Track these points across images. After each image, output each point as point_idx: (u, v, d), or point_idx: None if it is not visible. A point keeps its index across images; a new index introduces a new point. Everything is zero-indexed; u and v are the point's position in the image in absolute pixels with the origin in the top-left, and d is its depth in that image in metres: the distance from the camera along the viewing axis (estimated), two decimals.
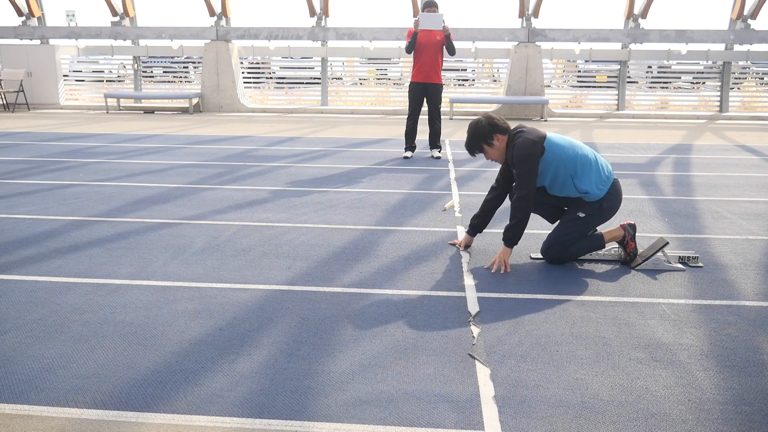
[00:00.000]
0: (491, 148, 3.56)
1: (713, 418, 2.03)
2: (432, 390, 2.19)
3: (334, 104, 14.28)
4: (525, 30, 12.56)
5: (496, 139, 3.53)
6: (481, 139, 3.55)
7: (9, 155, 7.32)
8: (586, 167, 3.47)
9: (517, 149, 3.43)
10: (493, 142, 3.54)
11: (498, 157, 3.62)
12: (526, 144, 3.41)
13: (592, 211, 3.52)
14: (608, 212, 3.56)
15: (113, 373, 2.28)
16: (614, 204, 3.57)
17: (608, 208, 3.54)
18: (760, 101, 14.82)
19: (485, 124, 3.53)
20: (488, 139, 3.53)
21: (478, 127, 3.55)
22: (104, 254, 3.68)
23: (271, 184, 5.78)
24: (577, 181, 3.47)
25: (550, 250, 3.55)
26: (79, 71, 15.27)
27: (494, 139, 3.53)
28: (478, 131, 3.54)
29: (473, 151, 3.62)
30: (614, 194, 3.55)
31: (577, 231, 3.53)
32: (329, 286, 3.20)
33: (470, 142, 3.60)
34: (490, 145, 3.55)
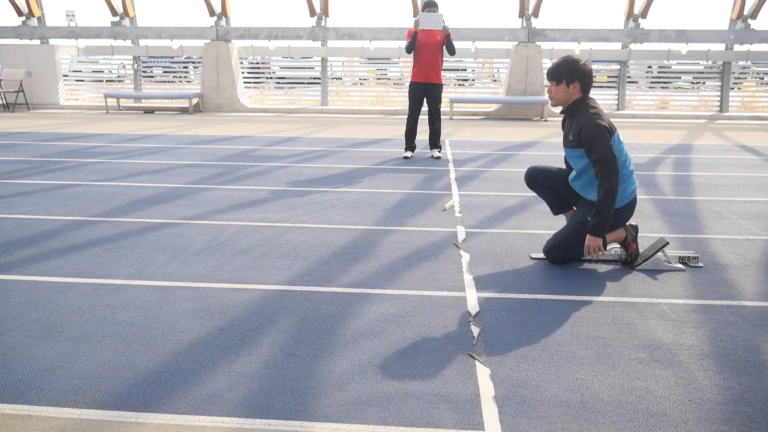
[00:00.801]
0: (565, 87, 3.46)
1: (713, 418, 2.03)
2: (432, 390, 2.19)
3: (334, 104, 14.28)
4: (525, 30, 12.56)
5: (574, 85, 3.45)
6: (566, 72, 3.44)
7: (9, 155, 7.33)
8: (622, 179, 3.46)
9: (587, 129, 3.35)
10: (570, 86, 3.45)
11: (558, 101, 3.51)
12: (598, 124, 3.34)
13: None
14: (618, 222, 3.56)
15: (113, 373, 2.28)
16: (626, 217, 3.57)
17: (618, 219, 3.53)
18: (760, 101, 14.82)
19: (581, 67, 3.44)
20: (570, 78, 3.44)
21: (574, 63, 3.44)
22: (104, 254, 3.68)
23: (271, 184, 5.78)
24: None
25: (552, 250, 3.55)
26: (79, 71, 15.26)
27: (573, 84, 3.45)
28: (570, 64, 3.45)
29: (553, 75, 3.48)
30: (629, 209, 3.56)
31: (583, 234, 3.52)
32: (329, 286, 3.20)
33: (558, 66, 3.47)
34: (567, 85, 3.46)
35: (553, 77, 3.49)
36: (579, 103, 3.48)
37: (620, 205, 3.50)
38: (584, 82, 3.46)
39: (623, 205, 3.52)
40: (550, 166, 3.83)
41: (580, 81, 3.45)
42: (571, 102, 3.50)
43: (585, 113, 3.42)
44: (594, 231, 3.41)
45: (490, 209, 4.87)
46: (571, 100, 3.50)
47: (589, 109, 3.43)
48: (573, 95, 3.48)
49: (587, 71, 3.46)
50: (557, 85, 3.49)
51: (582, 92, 3.48)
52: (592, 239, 3.43)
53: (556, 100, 3.53)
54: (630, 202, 3.55)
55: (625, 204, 3.53)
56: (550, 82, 3.53)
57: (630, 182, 3.54)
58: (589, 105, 3.46)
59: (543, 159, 7.36)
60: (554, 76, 3.49)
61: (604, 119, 3.41)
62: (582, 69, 3.45)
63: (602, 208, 3.36)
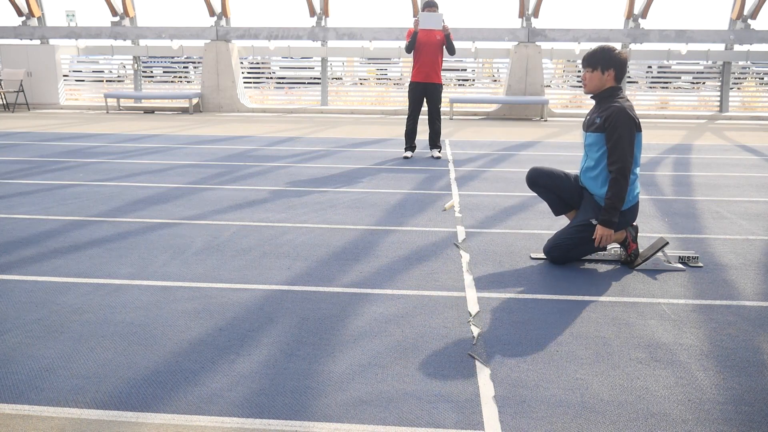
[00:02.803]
0: (600, 74, 3.48)
1: (713, 418, 2.03)
2: (432, 390, 2.19)
3: (334, 104, 14.28)
4: (525, 30, 12.56)
5: (609, 72, 3.47)
6: (602, 59, 3.46)
7: (9, 155, 7.33)
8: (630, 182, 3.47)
9: (618, 112, 3.37)
10: (605, 72, 3.47)
11: (592, 87, 3.53)
12: (627, 114, 3.37)
13: None
14: (620, 225, 3.56)
15: (113, 373, 2.28)
16: (629, 219, 3.58)
17: (621, 221, 3.54)
18: (760, 101, 14.82)
19: (617, 56, 3.45)
20: (606, 66, 3.46)
21: (611, 52, 3.46)
22: (104, 254, 3.68)
23: (271, 184, 5.78)
24: None
25: (553, 250, 3.55)
26: (79, 71, 15.27)
27: (608, 71, 3.47)
28: (608, 52, 3.46)
29: (590, 62, 3.50)
30: (632, 212, 3.57)
31: (585, 236, 3.53)
32: (329, 286, 3.20)
33: (596, 53, 3.48)
34: (601, 72, 3.47)
35: (589, 64, 3.51)
36: (611, 91, 3.51)
37: (625, 207, 3.51)
38: (619, 71, 3.49)
39: (627, 208, 3.52)
40: (551, 167, 3.83)
41: (615, 69, 3.47)
42: (604, 89, 3.52)
43: (618, 101, 3.46)
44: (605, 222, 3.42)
45: (490, 209, 4.87)
46: (604, 87, 3.52)
47: (623, 100, 3.46)
48: (607, 82, 3.50)
49: (623, 60, 3.49)
50: (592, 72, 3.50)
51: (615, 81, 3.50)
52: (603, 229, 3.44)
53: (590, 87, 3.54)
54: (634, 205, 3.56)
55: (630, 206, 3.54)
56: (584, 69, 3.54)
57: (635, 185, 3.55)
58: (623, 96, 3.50)
59: (543, 159, 7.37)
60: (590, 63, 3.51)
61: (634, 114, 3.45)
62: (618, 57, 3.47)
63: (616, 194, 3.39)
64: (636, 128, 3.43)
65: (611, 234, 3.45)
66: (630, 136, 3.39)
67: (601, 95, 3.53)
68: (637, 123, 3.44)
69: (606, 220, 3.43)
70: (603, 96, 3.52)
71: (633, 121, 3.40)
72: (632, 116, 3.41)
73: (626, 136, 3.38)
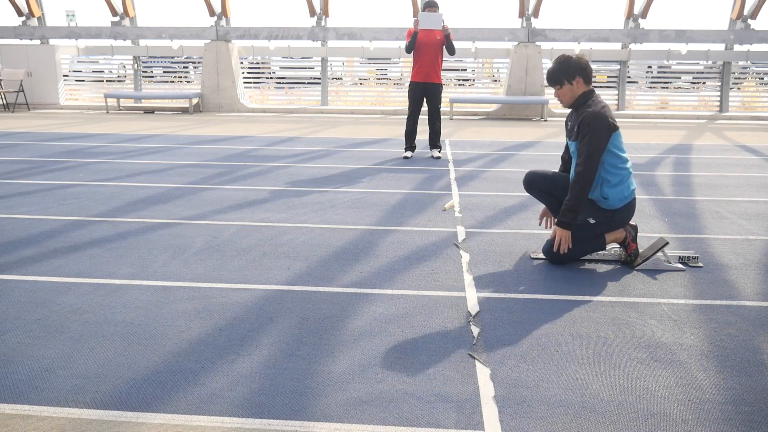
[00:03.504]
0: (568, 86, 3.49)
1: (713, 418, 2.03)
2: (432, 390, 2.19)
3: (334, 104, 14.27)
4: (525, 30, 12.56)
5: (576, 81, 3.47)
6: (564, 72, 3.47)
7: (9, 155, 7.33)
8: (618, 178, 3.47)
9: (589, 116, 3.38)
10: (573, 83, 3.48)
11: (567, 100, 3.53)
12: (601, 115, 3.37)
13: (603, 219, 3.53)
14: (617, 223, 3.56)
15: (113, 373, 2.28)
16: (625, 217, 3.57)
17: (619, 219, 3.54)
18: (760, 101, 14.82)
19: (575, 61, 3.46)
20: (570, 77, 3.46)
21: (568, 60, 3.47)
22: (104, 254, 3.68)
23: (271, 184, 5.78)
24: (606, 187, 3.48)
25: (552, 251, 3.55)
26: (79, 71, 15.26)
27: (575, 80, 3.47)
28: (566, 63, 3.47)
29: (553, 80, 3.52)
30: (629, 209, 3.56)
31: (583, 235, 3.53)
32: (329, 286, 3.20)
33: (555, 70, 3.50)
34: (569, 83, 3.48)
35: (555, 82, 3.51)
36: (584, 97, 3.50)
37: (620, 205, 3.51)
38: (584, 75, 3.48)
39: (623, 206, 3.52)
40: (547, 170, 3.83)
41: (580, 74, 3.47)
42: (578, 97, 3.52)
43: (589, 105, 3.46)
44: (563, 222, 3.45)
45: (490, 209, 4.87)
46: (577, 96, 3.51)
47: (597, 102, 3.46)
48: (578, 90, 3.50)
49: (583, 63, 3.48)
50: (561, 88, 3.51)
51: (585, 84, 3.50)
52: (561, 231, 3.46)
53: (567, 101, 3.55)
54: (630, 202, 3.56)
55: (625, 204, 3.53)
56: (554, 89, 3.55)
57: (629, 182, 3.54)
58: (596, 98, 3.49)
59: (543, 159, 7.37)
60: (555, 80, 3.51)
61: (609, 114, 3.43)
62: (577, 63, 3.47)
63: (576, 197, 3.41)
64: (611, 129, 3.40)
65: (568, 236, 3.45)
66: (600, 142, 3.37)
67: (576, 104, 3.53)
68: (612, 124, 3.42)
69: (562, 222, 3.45)
70: (578, 104, 3.52)
71: (605, 124, 3.38)
72: (605, 120, 3.38)
73: (596, 143, 3.37)
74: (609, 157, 3.46)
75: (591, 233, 3.54)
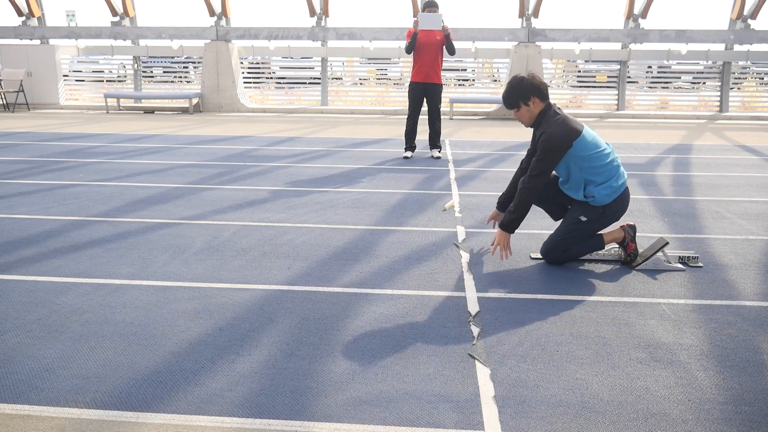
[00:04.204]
0: (525, 107, 3.49)
1: (713, 418, 2.03)
2: (432, 390, 2.19)
3: (334, 104, 14.27)
4: (525, 30, 12.56)
5: (532, 101, 3.47)
6: (519, 95, 3.47)
7: (9, 155, 7.33)
8: (601, 176, 3.46)
9: (546, 136, 3.38)
10: (529, 103, 3.48)
11: (527, 121, 3.54)
12: (555, 135, 3.37)
13: (595, 216, 3.51)
14: (610, 218, 3.56)
15: (113, 373, 2.28)
16: (618, 210, 3.56)
17: (611, 214, 3.54)
18: (760, 101, 14.82)
19: (528, 82, 3.46)
20: (525, 99, 3.47)
21: (521, 83, 3.48)
22: (104, 254, 3.68)
23: (271, 184, 5.78)
24: (591, 186, 3.48)
25: (550, 253, 3.55)
26: (79, 71, 15.26)
27: (531, 101, 3.47)
28: (519, 86, 3.47)
29: (509, 104, 3.53)
30: (620, 202, 3.54)
31: (578, 234, 3.53)
32: (329, 286, 3.20)
33: (509, 94, 3.51)
34: (526, 105, 3.49)
35: (512, 105, 3.53)
36: (543, 114, 3.50)
37: (609, 200, 3.49)
38: (539, 93, 3.48)
39: (614, 199, 3.50)
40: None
41: (534, 94, 3.47)
42: (537, 114, 3.52)
43: (548, 121, 3.45)
44: (505, 225, 3.47)
45: (490, 209, 4.85)
46: (537, 114, 3.52)
47: (552, 117, 3.45)
48: (535, 109, 3.50)
49: (536, 82, 3.48)
50: (519, 110, 3.53)
51: (542, 101, 3.50)
52: (500, 234, 3.48)
53: (528, 122, 3.56)
54: (621, 194, 3.53)
55: (617, 197, 3.51)
56: (513, 111, 3.56)
57: (618, 175, 3.51)
58: (553, 113, 3.48)
59: None
60: (512, 104, 3.53)
61: (568, 123, 3.42)
62: (529, 83, 3.47)
63: (519, 204, 3.44)
64: (571, 140, 3.38)
65: (506, 239, 3.46)
66: (553, 161, 3.40)
67: (536, 122, 3.53)
68: (572, 134, 3.39)
69: (503, 224, 3.48)
70: (538, 122, 3.52)
71: (562, 143, 3.38)
72: (562, 138, 3.37)
73: (549, 161, 3.39)
74: (584, 162, 3.43)
75: (585, 232, 3.53)
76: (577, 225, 3.52)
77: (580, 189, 3.52)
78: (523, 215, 3.48)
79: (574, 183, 3.53)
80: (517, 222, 3.48)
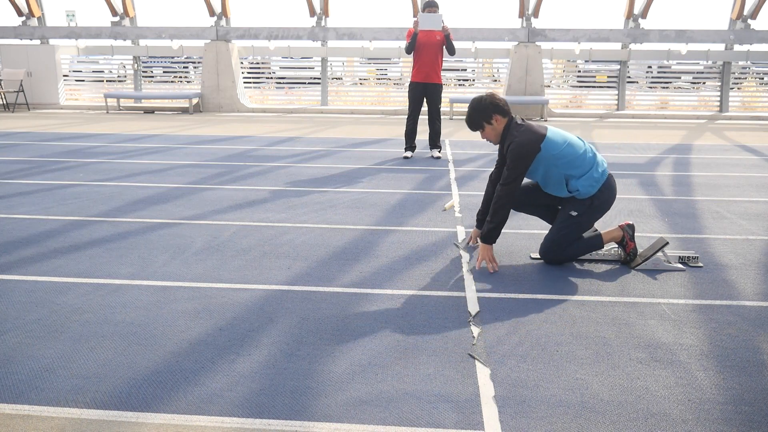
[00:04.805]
0: (489, 126, 3.53)
1: (713, 418, 2.03)
2: (432, 390, 2.19)
3: (334, 104, 14.27)
4: (525, 30, 12.56)
5: (494, 119, 3.50)
6: (480, 116, 3.51)
7: (9, 155, 7.33)
8: (579, 169, 3.46)
9: (514, 146, 3.41)
10: (492, 122, 3.51)
11: (494, 138, 3.58)
12: (522, 143, 3.40)
13: (584, 209, 3.51)
14: (600, 209, 3.56)
15: (113, 373, 2.28)
16: (607, 200, 3.55)
17: (599, 205, 3.53)
18: (760, 101, 14.82)
19: (487, 102, 3.49)
20: (488, 118, 3.50)
21: (480, 104, 3.51)
22: (104, 254, 3.68)
23: (271, 184, 5.78)
24: (572, 180, 3.48)
25: (548, 253, 3.55)
26: (79, 71, 15.26)
27: (493, 119, 3.50)
28: (479, 107, 3.51)
29: (473, 126, 3.58)
30: (606, 190, 3.53)
31: (572, 230, 3.52)
32: (329, 286, 3.20)
33: (471, 116, 3.55)
34: (489, 124, 3.51)
35: (476, 127, 3.57)
36: (507, 129, 3.53)
37: (594, 190, 3.48)
38: (499, 110, 3.50)
39: (599, 188, 3.49)
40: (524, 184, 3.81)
41: (495, 112, 3.49)
42: (502, 131, 3.54)
43: (512, 134, 3.47)
44: (484, 237, 3.49)
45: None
46: (501, 131, 3.54)
47: (516, 128, 3.47)
48: (500, 126, 3.53)
49: (494, 100, 3.51)
50: (484, 130, 3.55)
51: (504, 117, 3.52)
52: (483, 247, 3.50)
53: (495, 140, 3.58)
54: (605, 183, 3.52)
55: (601, 186, 3.50)
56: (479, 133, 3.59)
57: (596, 165, 3.50)
58: (515, 125, 3.50)
59: None
60: (476, 126, 3.56)
61: (532, 130, 3.44)
62: (488, 102, 3.50)
63: (495, 214, 3.46)
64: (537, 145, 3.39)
65: (489, 252, 3.47)
66: (523, 169, 3.41)
67: (502, 138, 3.55)
68: (537, 140, 3.41)
69: (484, 238, 3.49)
70: (503, 137, 3.54)
71: (529, 150, 3.39)
72: (528, 145, 3.39)
73: (519, 169, 3.41)
74: (557, 159, 3.44)
75: (578, 227, 3.52)
76: (569, 221, 3.52)
77: (562, 186, 3.52)
78: (500, 225, 3.48)
79: (555, 182, 3.53)
80: (495, 232, 3.48)
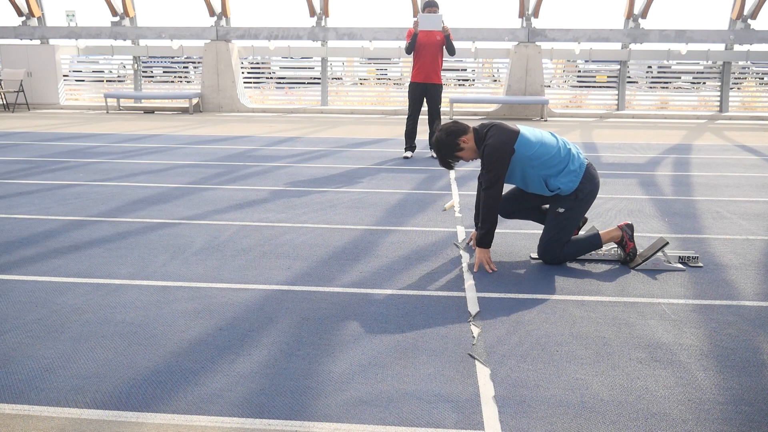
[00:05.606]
0: (462, 152, 3.54)
1: (713, 418, 2.03)
2: (432, 390, 2.19)
3: (334, 104, 14.28)
4: (525, 30, 12.56)
5: (461, 142, 3.51)
6: (449, 153, 3.54)
7: (9, 155, 7.33)
8: (555, 168, 3.46)
9: (488, 149, 3.43)
10: (461, 146, 3.52)
11: (472, 156, 3.58)
12: (495, 145, 3.41)
13: (570, 203, 3.51)
14: (587, 201, 3.55)
15: (113, 373, 2.28)
16: (591, 191, 3.55)
17: (585, 197, 3.53)
18: (760, 101, 14.82)
19: (444, 137, 3.52)
20: (455, 149, 3.52)
21: (440, 144, 3.54)
22: (104, 254, 3.68)
23: (271, 184, 5.78)
24: (549, 181, 3.49)
25: (546, 254, 3.55)
26: (79, 71, 15.26)
27: (460, 144, 3.51)
28: (442, 146, 3.54)
29: (450, 163, 3.62)
30: (587, 182, 3.52)
31: (564, 227, 3.52)
32: (329, 286, 3.20)
33: (442, 159, 3.60)
34: (460, 151, 3.53)
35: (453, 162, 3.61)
36: (477, 137, 3.53)
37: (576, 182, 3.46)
38: (459, 132, 3.52)
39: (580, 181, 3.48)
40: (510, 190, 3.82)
41: (456, 136, 3.51)
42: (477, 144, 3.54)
43: (484, 137, 3.49)
44: (479, 242, 3.51)
45: None
46: (476, 145, 3.54)
47: (486, 133, 3.49)
48: (470, 144, 3.53)
49: (451, 128, 3.53)
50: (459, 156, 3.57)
51: (468, 134, 3.53)
52: (479, 251, 3.50)
53: (473, 156, 3.59)
54: (585, 174, 3.50)
55: (582, 179, 3.48)
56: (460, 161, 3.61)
57: (572, 159, 3.49)
58: (484, 135, 3.50)
59: None
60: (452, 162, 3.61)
61: (504, 131, 3.45)
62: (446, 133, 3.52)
63: (484, 220, 3.47)
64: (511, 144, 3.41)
65: (486, 255, 3.48)
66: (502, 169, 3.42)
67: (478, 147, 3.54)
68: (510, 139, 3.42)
69: (480, 242, 3.50)
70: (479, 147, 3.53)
71: (504, 149, 3.40)
72: (501, 146, 3.40)
73: (498, 170, 3.41)
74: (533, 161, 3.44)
75: (570, 222, 3.52)
76: (559, 219, 3.52)
77: (543, 187, 3.53)
78: (491, 229, 3.49)
79: (535, 183, 3.54)
80: (488, 237, 3.49)
